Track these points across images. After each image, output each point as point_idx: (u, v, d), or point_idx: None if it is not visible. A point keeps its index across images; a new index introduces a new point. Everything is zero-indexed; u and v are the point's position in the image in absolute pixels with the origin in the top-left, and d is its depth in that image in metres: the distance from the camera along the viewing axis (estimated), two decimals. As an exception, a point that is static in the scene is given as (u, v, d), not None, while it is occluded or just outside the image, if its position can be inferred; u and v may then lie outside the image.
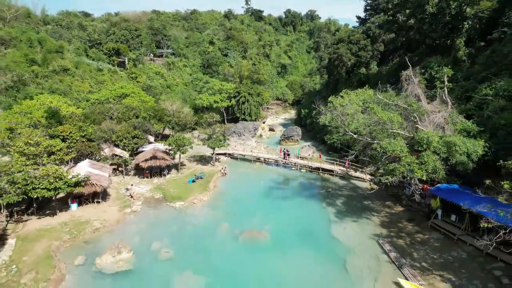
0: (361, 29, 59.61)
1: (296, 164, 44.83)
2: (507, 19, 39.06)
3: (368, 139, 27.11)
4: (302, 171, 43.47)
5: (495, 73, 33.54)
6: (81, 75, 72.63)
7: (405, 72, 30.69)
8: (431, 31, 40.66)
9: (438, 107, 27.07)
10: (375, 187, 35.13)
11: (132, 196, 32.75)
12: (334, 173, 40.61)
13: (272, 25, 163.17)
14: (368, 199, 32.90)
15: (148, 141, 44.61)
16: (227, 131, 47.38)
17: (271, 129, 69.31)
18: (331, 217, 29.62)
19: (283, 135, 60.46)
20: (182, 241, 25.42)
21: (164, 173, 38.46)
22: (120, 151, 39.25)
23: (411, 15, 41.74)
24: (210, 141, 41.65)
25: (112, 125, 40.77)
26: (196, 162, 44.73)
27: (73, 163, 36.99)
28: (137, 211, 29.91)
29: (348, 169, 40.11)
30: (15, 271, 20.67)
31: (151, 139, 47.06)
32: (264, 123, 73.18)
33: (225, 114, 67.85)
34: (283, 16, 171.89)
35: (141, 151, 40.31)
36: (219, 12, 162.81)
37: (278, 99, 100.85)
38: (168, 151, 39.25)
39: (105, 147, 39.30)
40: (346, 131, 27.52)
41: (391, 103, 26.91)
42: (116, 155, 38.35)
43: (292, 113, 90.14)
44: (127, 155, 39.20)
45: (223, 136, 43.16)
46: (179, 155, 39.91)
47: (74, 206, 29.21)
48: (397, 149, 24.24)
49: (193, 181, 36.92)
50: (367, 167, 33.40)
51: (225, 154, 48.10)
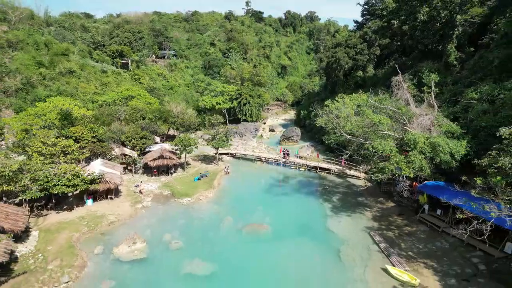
0: (358, 34, 61.87)
1: (295, 163, 47.14)
2: (495, 26, 41.33)
3: (361, 140, 29.44)
4: (301, 170, 45.80)
5: (481, 78, 35.84)
6: (86, 76, 74.59)
7: (395, 78, 33.05)
8: (423, 37, 42.96)
9: (425, 111, 29.38)
10: (369, 184, 37.49)
11: (141, 192, 35.11)
12: (331, 171, 42.95)
13: (272, 26, 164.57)
14: (362, 196, 35.28)
15: (154, 141, 46.91)
16: (229, 132, 49.62)
17: (271, 130, 71.64)
18: (327, 212, 31.97)
19: (283, 135, 62.76)
20: (190, 233, 27.75)
21: (171, 171, 40.83)
22: (129, 151, 41.56)
23: (404, 22, 43.99)
24: (213, 141, 43.99)
25: (121, 126, 43.08)
26: (200, 161, 47.09)
27: (84, 162, 39.27)
28: (148, 207, 32.28)
29: (344, 168, 42.43)
30: (42, 259, 23.00)
31: (157, 139, 49.38)
32: (264, 123, 75.45)
33: (227, 115, 70.13)
34: (283, 17, 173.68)
35: (149, 151, 42.63)
36: (220, 13, 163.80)
37: (278, 100, 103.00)
38: (174, 151, 41.58)
39: (115, 147, 41.57)
40: (341, 132, 29.85)
41: (382, 107, 29.20)
42: (125, 155, 40.66)
43: (291, 114, 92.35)
44: (136, 154, 41.55)
45: (225, 136, 45.47)
46: (185, 155, 42.28)
47: (89, 201, 31.58)
48: (387, 149, 26.57)
49: (199, 179, 39.31)
50: (361, 166, 35.66)
51: (227, 153, 50.43)
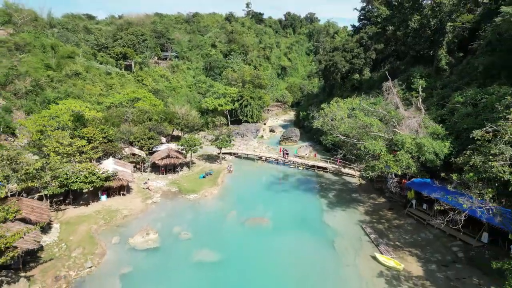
0: (355, 38, 64.44)
1: (294, 162, 49.72)
2: (483, 32, 43.82)
3: (354, 141, 31.99)
4: (299, 168, 48.38)
5: (467, 82, 38.45)
6: (92, 78, 76.88)
7: (385, 83, 35.60)
8: (414, 43, 45.54)
9: (413, 114, 31.95)
10: (363, 182, 40.09)
11: (149, 188, 37.73)
12: (327, 170, 45.53)
13: (272, 27, 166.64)
14: (356, 192, 37.89)
15: (160, 141, 49.45)
16: (231, 132, 52.17)
17: (271, 130, 74.24)
18: (323, 207, 34.56)
19: (282, 136, 65.34)
20: (197, 226, 30.34)
21: (177, 170, 43.43)
22: (138, 151, 44.10)
23: (397, 29, 46.54)
24: (217, 141, 46.58)
25: (130, 128, 45.64)
26: (204, 160, 49.69)
27: (95, 161, 41.76)
28: (157, 202, 34.89)
29: (339, 167, 44.99)
30: (65, 248, 25.59)
31: (163, 140, 51.93)
32: (265, 124, 78.03)
33: (228, 116, 72.67)
34: (283, 18, 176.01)
35: (156, 151, 45.21)
36: (221, 14, 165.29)
37: (278, 101, 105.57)
38: (180, 150, 44.15)
39: (124, 147, 44.10)
40: (335, 133, 32.40)
41: (373, 110, 31.75)
42: (134, 154, 43.19)
43: (291, 115, 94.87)
44: (144, 154, 44.12)
45: (228, 137, 48.04)
46: (190, 154, 44.88)
47: (103, 197, 34.16)
48: (377, 149, 29.14)
49: (204, 177, 41.91)
50: (356, 164, 38.24)
51: (230, 153, 53.02)
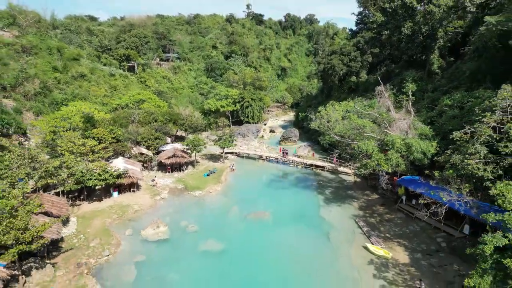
0: (352, 42, 66.83)
1: (293, 161, 52.13)
2: (473, 38, 46.16)
3: (348, 141, 34.40)
4: (298, 167, 50.80)
5: (456, 86, 40.88)
6: (96, 80, 79.06)
7: (378, 87, 38.01)
8: (407, 48, 47.95)
9: (403, 116, 34.36)
10: (358, 180, 42.53)
11: (155, 185, 40.18)
12: (324, 168, 47.93)
13: (272, 28, 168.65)
14: (351, 189, 40.34)
15: (166, 141, 51.84)
16: (233, 133, 54.58)
17: (271, 131, 76.65)
18: (320, 203, 36.99)
19: (282, 136, 67.76)
20: (203, 219, 32.77)
21: (182, 168, 45.88)
22: (146, 150, 46.49)
23: (391, 35, 48.91)
24: (220, 141, 48.99)
25: (137, 128, 48.03)
26: (208, 159, 52.13)
27: (104, 160, 44.11)
28: (165, 198, 37.34)
29: (336, 165, 47.38)
30: (84, 239, 28.01)
31: (168, 140, 54.34)
32: (265, 125, 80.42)
33: (230, 117, 75.06)
34: (283, 20, 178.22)
35: (162, 150, 47.63)
36: (221, 16, 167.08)
37: (278, 102, 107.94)
38: (185, 150, 46.56)
39: (132, 147, 46.49)
40: (331, 134, 34.81)
41: (366, 113, 34.16)
42: (142, 154, 45.58)
43: (291, 115, 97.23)
44: (151, 153, 46.53)
45: (230, 137, 50.44)
46: (195, 154, 47.29)
47: (115, 194, 36.60)
48: (369, 148, 31.52)
49: (208, 175, 44.35)
50: (350, 163, 40.65)
51: (232, 153, 55.43)
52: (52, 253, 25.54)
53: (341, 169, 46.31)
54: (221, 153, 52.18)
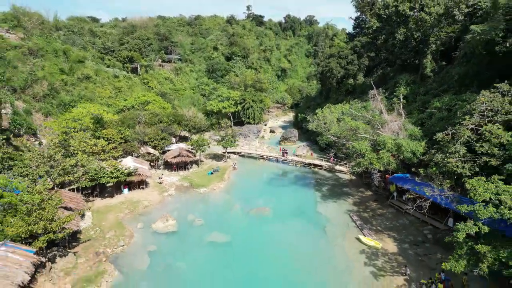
0: (350, 45, 69.26)
1: (292, 160, 54.62)
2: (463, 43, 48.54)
3: (343, 141, 36.87)
4: (297, 166, 53.29)
5: (446, 90, 43.32)
6: (101, 81, 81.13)
7: (371, 91, 40.48)
8: (401, 53, 50.42)
9: (395, 118, 36.82)
10: (353, 178, 45.03)
11: (161, 182, 42.73)
12: (322, 167, 50.41)
13: (272, 29, 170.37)
14: (347, 187, 42.84)
15: (171, 142, 54.30)
16: (235, 133, 57.06)
17: (272, 131, 79.14)
18: (317, 199, 39.49)
19: (282, 136, 70.24)
20: (208, 214, 35.27)
21: (187, 167, 48.38)
22: (152, 150, 48.97)
23: (385, 40, 51.38)
24: (223, 142, 51.48)
25: (144, 129, 50.49)
26: (211, 159, 54.64)
27: (113, 159, 46.56)
28: (173, 195, 39.83)
29: (333, 164, 49.84)
30: (99, 231, 30.48)
31: (173, 140, 56.81)
32: (265, 125, 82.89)
33: (231, 118, 77.53)
34: (283, 21, 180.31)
35: (167, 150, 50.10)
36: (222, 17, 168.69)
37: (278, 102, 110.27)
38: (190, 150, 49.04)
39: (140, 147, 48.93)
40: (327, 135, 37.30)
41: (360, 115, 36.63)
42: (149, 153, 48.04)
43: (290, 116, 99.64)
44: (158, 153, 49.02)
45: (233, 137, 52.90)
46: (199, 153, 49.75)
47: (125, 190, 39.07)
48: (363, 148, 34.01)
49: (211, 173, 46.85)
50: (345, 162, 43.14)
51: (234, 152, 57.92)
52: (72, 244, 27.99)
53: (338, 167, 48.79)
54: (224, 152, 54.70)
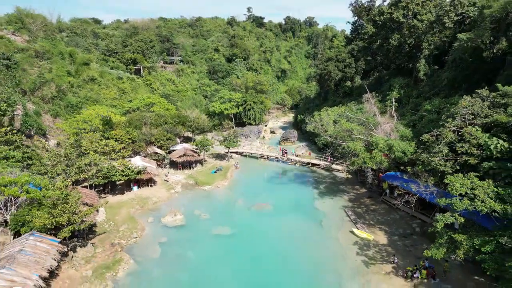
0: (347, 49, 71.79)
1: (292, 160, 57.15)
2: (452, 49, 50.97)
3: (339, 142, 39.43)
4: (296, 165, 55.83)
5: (436, 93, 45.88)
6: (106, 83, 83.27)
7: (365, 95, 43.05)
8: (395, 58, 52.99)
9: (387, 120, 39.37)
10: (349, 176, 47.60)
11: (166, 180, 45.27)
12: (320, 166, 52.94)
13: (272, 31, 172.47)
14: (343, 184, 45.42)
15: (176, 142, 56.85)
16: (237, 134, 59.58)
17: (272, 132, 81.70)
18: (315, 196, 42.06)
19: (282, 137, 72.79)
20: (213, 209, 37.84)
21: (192, 166, 50.95)
22: (159, 150, 51.51)
23: (380, 45, 53.93)
24: (225, 142, 54.04)
25: (151, 130, 53.04)
26: (214, 158, 57.22)
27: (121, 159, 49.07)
28: (179, 192, 42.43)
29: (330, 163, 52.38)
30: (113, 224, 33.03)
31: (178, 140, 59.34)
32: (266, 126, 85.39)
33: (233, 119, 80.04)
34: (283, 22, 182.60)
35: (173, 150, 52.65)
36: (222, 19, 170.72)
37: (278, 103, 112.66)
38: (194, 150, 51.61)
39: (147, 147, 51.45)
40: (324, 136, 39.86)
41: (355, 117, 39.19)
42: (156, 153, 50.58)
43: (290, 117, 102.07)
44: (164, 152, 51.57)
45: (235, 138, 55.45)
46: (203, 153, 52.29)
47: (135, 188, 41.62)
48: (357, 148, 36.56)
49: (215, 172, 49.43)
50: (341, 161, 45.71)
51: (236, 152, 60.44)
52: (89, 236, 30.52)
53: (334, 166, 51.33)
54: (227, 152, 57.25)
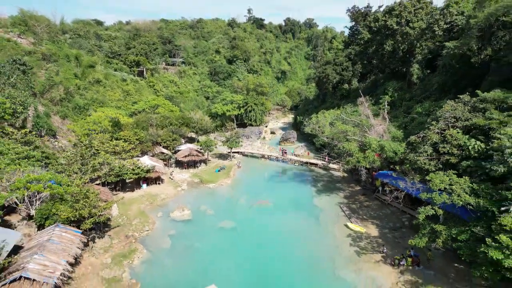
0: (345, 53, 74.55)
1: (291, 159, 59.92)
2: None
3: (335, 142, 42.19)
4: (295, 164, 58.61)
5: (427, 96, 48.64)
6: (110, 85, 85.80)
7: (360, 99, 45.81)
8: (389, 62, 55.73)
9: (380, 122, 42.14)
10: (345, 175, 50.38)
11: (171, 178, 48.02)
12: (318, 165, 55.70)
13: (272, 32, 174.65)
14: (339, 183, 48.19)
15: (181, 142, 59.61)
16: (239, 134, 62.37)
17: (272, 132, 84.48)
18: (313, 193, 44.82)
19: (282, 137, 75.56)
20: (218, 206, 40.62)
21: (197, 165, 53.71)
22: (165, 150, 54.29)
23: (376, 50, 56.69)
24: (228, 142, 56.82)
25: (157, 131, 55.82)
26: (217, 158, 60.00)
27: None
28: (185, 189, 45.21)
29: (327, 163, 55.16)
30: (126, 219, 35.78)
31: (183, 141, 62.10)
32: (266, 127, 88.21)
33: (235, 120, 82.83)
34: (283, 24, 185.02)
35: (178, 150, 55.41)
36: (223, 20, 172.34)
37: (278, 104, 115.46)
38: (199, 150, 54.39)
39: (154, 147, 54.22)
40: (321, 137, 42.64)
41: (349, 119, 41.96)
42: (163, 153, 53.35)
43: (290, 118, 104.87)
44: (170, 152, 54.35)
45: (237, 138, 58.22)
46: (207, 153, 55.04)
47: (144, 185, 44.37)
48: (351, 148, 39.33)
49: (218, 171, 52.19)
50: (337, 160, 48.47)
51: (238, 152, 63.24)
52: (104, 229, 33.26)
53: (332, 166, 54.12)
54: (229, 152, 60.04)
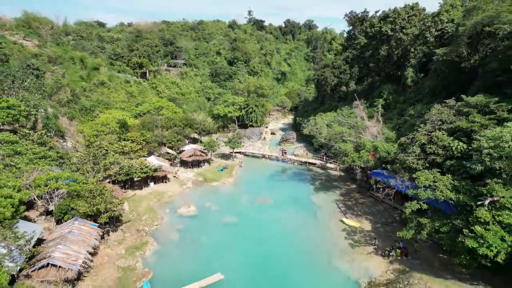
0: (343, 56, 77.05)
1: (291, 159, 62.44)
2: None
3: (332, 143, 44.74)
4: (295, 164, 61.14)
5: (420, 99, 51.17)
6: (114, 87, 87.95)
7: (355, 102, 48.36)
8: (384, 66, 58.27)
9: (374, 124, 44.69)
10: (342, 174, 52.94)
11: (178, 177, 50.51)
12: (316, 165, 58.24)
13: (272, 34, 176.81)
14: (336, 181, 50.75)
15: (185, 143, 62.12)
16: (241, 135, 64.94)
17: (272, 133, 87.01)
18: (311, 191, 47.39)
19: (282, 138, 78.08)
20: (221, 202, 43.17)
21: (201, 165, 56.24)
22: (171, 150, 56.82)
23: (371, 55, 59.25)
24: (230, 143, 59.35)
25: (162, 132, 58.36)
26: (220, 158, 62.55)
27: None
28: (190, 187, 47.77)
29: (325, 163, 57.71)
30: (136, 214, 38.33)
31: (186, 142, 64.60)
32: (267, 128, 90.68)
33: (236, 121, 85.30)
34: (283, 25, 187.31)
35: (182, 150, 57.93)
36: (224, 22, 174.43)
37: (278, 105, 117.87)
38: (202, 150, 56.93)
39: (159, 147, 56.74)
40: (319, 138, 45.18)
41: (345, 121, 44.53)
42: (168, 153, 55.89)
43: (290, 119, 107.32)
44: (175, 152, 56.88)
45: (239, 139, 60.75)
46: (210, 153, 57.57)
47: (152, 184, 46.91)
48: (347, 149, 41.88)
49: (221, 170, 54.73)
50: (336, 161, 51.01)
51: (240, 152, 65.77)
52: (117, 223, 35.80)
53: (329, 165, 56.69)
54: (231, 152, 62.58)
